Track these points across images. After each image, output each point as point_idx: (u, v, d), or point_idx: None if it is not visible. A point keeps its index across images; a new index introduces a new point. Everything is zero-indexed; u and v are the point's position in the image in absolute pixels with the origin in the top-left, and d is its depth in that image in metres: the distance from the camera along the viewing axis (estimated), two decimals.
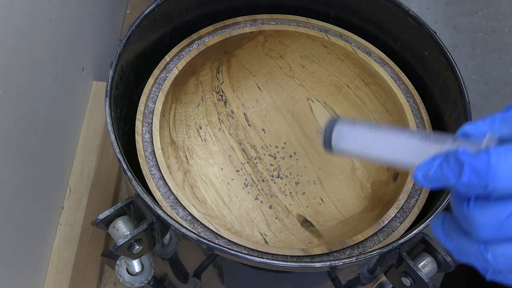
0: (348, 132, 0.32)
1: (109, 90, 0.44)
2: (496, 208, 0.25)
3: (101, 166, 0.73)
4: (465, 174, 0.24)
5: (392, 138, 0.30)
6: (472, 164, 0.24)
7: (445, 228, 0.28)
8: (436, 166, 0.26)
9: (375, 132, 0.31)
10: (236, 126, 0.58)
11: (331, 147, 0.33)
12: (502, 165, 0.23)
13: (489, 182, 0.24)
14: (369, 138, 0.31)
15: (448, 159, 0.25)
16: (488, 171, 0.24)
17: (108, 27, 0.89)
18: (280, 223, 0.52)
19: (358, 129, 0.32)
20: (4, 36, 0.48)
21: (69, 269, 0.65)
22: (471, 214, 0.25)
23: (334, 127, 0.33)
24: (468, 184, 0.24)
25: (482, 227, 0.25)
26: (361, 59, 0.54)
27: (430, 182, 0.26)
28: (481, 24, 1.19)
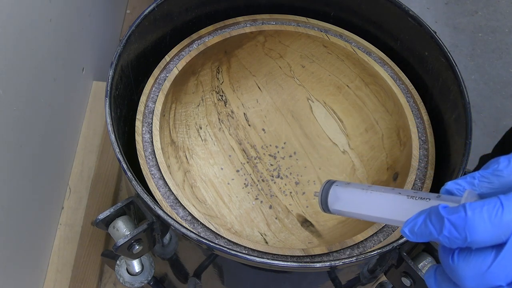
0: (342, 194, 0.35)
1: (109, 90, 0.44)
2: (477, 259, 0.26)
3: (101, 166, 0.73)
4: (446, 228, 0.26)
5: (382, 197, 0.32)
6: (450, 220, 0.26)
7: (436, 280, 0.29)
8: (420, 222, 0.28)
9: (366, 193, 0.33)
10: (236, 126, 0.58)
11: (328, 208, 0.36)
12: (478, 219, 0.25)
13: (468, 235, 0.25)
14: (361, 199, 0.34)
15: (430, 215, 0.27)
16: (466, 225, 0.25)
17: (108, 27, 0.89)
18: (280, 223, 0.52)
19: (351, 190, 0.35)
20: (4, 36, 0.48)
21: (69, 269, 0.65)
22: (456, 266, 0.27)
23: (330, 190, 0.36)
24: (449, 237, 0.26)
25: (466, 278, 0.26)
26: (361, 59, 0.54)
27: (416, 237, 0.28)
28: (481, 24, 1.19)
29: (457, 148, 0.46)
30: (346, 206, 0.35)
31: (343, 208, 0.35)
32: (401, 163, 0.50)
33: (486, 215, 0.25)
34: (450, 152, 0.48)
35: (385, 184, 0.51)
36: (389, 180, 0.51)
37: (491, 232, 0.25)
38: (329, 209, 0.36)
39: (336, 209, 0.35)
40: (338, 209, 0.35)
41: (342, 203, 0.35)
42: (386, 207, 0.32)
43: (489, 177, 0.28)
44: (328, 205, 0.36)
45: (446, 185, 0.29)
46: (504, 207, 0.25)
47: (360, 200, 0.34)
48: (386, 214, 0.32)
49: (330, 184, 0.36)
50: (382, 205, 0.32)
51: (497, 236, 0.25)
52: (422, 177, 0.47)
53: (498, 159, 0.28)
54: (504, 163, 0.28)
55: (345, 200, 0.35)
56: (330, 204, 0.36)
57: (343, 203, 0.35)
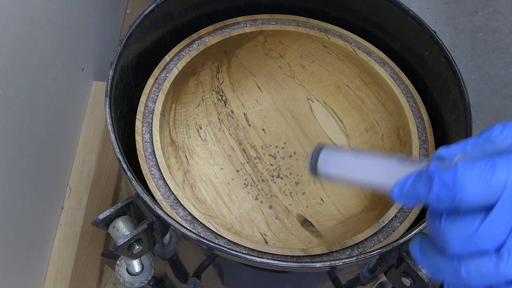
0: (332, 157, 0.34)
1: (109, 90, 0.44)
2: (465, 221, 0.25)
3: (101, 166, 0.73)
4: (435, 186, 0.26)
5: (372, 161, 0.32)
6: (441, 177, 0.25)
7: (422, 248, 0.29)
8: (410, 181, 0.27)
9: (357, 156, 0.33)
10: (236, 126, 0.58)
11: (317, 172, 0.35)
12: (468, 177, 0.25)
13: (457, 193, 0.25)
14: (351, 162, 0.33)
15: (420, 174, 0.27)
16: (455, 183, 0.25)
17: (108, 27, 0.89)
18: (280, 223, 0.52)
19: (341, 154, 0.34)
20: (4, 36, 0.48)
21: (69, 269, 0.65)
22: (443, 229, 0.26)
23: (320, 153, 0.35)
24: (438, 196, 0.26)
25: (453, 241, 0.26)
26: (361, 59, 0.54)
27: (405, 197, 0.28)
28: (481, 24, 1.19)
29: None
30: (336, 169, 0.34)
31: (333, 171, 0.34)
32: None
33: (477, 173, 0.24)
34: None
35: None
36: None
37: (481, 192, 0.24)
38: (318, 173, 0.35)
39: (326, 172, 0.34)
40: (328, 172, 0.34)
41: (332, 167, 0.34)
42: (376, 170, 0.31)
43: (482, 143, 0.27)
44: (318, 168, 0.35)
45: (438, 150, 0.29)
46: (496, 167, 0.24)
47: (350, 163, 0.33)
48: (376, 177, 0.31)
49: (321, 148, 0.35)
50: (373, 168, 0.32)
51: (487, 196, 0.24)
52: None
53: (493, 126, 0.27)
54: (498, 130, 0.27)
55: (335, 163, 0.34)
56: (319, 167, 0.35)
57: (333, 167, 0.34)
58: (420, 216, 0.45)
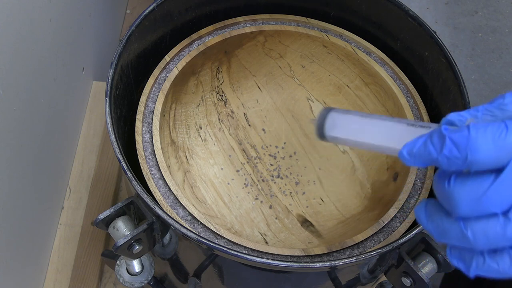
0: (340, 120, 0.33)
1: (109, 90, 0.44)
2: (475, 182, 0.25)
3: (101, 166, 0.73)
4: (446, 147, 0.25)
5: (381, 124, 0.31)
6: (453, 138, 0.25)
7: (427, 211, 0.28)
8: (420, 143, 0.27)
9: (365, 119, 0.32)
10: (236, 126, 0.58)
11: (324, 135, 0.34)
12: (481, 138, 0.24)
13: (469, 154, 0.25)
14: (360, 126, 0.32)
15: (432, 136, 0.26)
16: (468, 144, 0.25)
17: (108, 27, 0.89)
18: (280, 223, 0.52)
19: (349, 117, 0.33)
20: (4, 36, 0.48)
21: (69, 269, 0.65)
22: (451, 189, 0.26)
23: (327, 115, 0.34)
24: (449, 157, 0.25)
25: (461, 202, 0.25)
26: (361, 59, 0.54)
27: (414, 159, 0.27)
28: (481, 24, 1.19)
29: None
30: (343, 133, 0.33)
31: (340, 134, 0.33)
32: (401, 163, 0.50)
33: (490, 135, 0.24)
34: None
35: (385, 184, 0.51)
36: (389, 180, 0.51)
37: (493, 153, 0.24)
38: (325, 136, 0.34)
39: (333, 135, 0.33)
40: (335, 136, 0.33)
41: (339, 130, 0.33)
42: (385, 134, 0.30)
43: (493, 110, 0.27)
44: (325, 131, 0.34)
45: (448, 115, 0.28)
46: (509, 129, 0.24)
47: (358, 126, 0.32)
48: (385, 141, 0.30)
49: (328, 110, 0.34)
50: (381, 132, 0.31)
51: (498, 158, 0.24)
52: (422, 177, 0.47)
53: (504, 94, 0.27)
54: (510, 97, 0.27)
55: (343, 126, 0.33)
56: (326, 130, 0.34)
57: (340, 130, 0.33)
58: None
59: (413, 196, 0.46)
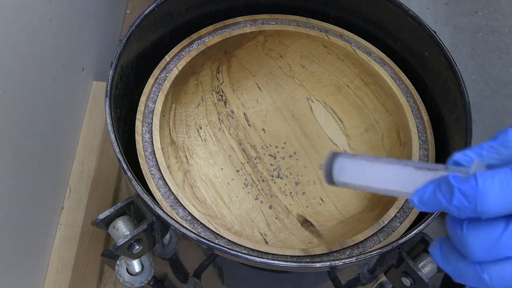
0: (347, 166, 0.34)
1: (109, 90, 0.44)
2: (487, 229, 0.26)
3: (101, 166, 0.73)
4: (456, 198, 0.26)
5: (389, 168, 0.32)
6: (461, 189, 0.25)
7: (443, 252, 0.29)
8: (429, 191, 0.27)
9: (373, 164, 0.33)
10: (236, 126, 0.58)
11: (333, 181, 0.35)
12: (489, 188, 0.25)
13: (478, 205, 0.25)
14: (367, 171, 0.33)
15: (440, 185, 0.27)
16: (476, 194, 0.25)
17: (108, 27, 0.89)
18: (280, 223, 0.52)
19: (357, 162, 0.34)
20: (4, 36, 0.48)
21: (69, 269, 0.65)
22: (465, 237, 0.26)
23: (334, 162, 0.35)
24: (459, 207, 0.26)
25: (476, 249, 0.26)
26: (361, 59, 0.54)
27: (425, 206, 0.28)
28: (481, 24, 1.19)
29: (457, 148, 0.46)
30: (351, 178, 0.34)
31: (349, 180, 0.34)
32: None
33: (498, 184, 0.25)
34: (450, 152, 0.47)
35: None
36: None
37: (502, 202, 0.25)
38: (334, 182, 0.35)
39: (342, 181, 0.34)
40: (344, 181, 0.34)
41: (347, 175, 0.34)
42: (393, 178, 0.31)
43: (497, 148, 0.28)
44: (333, 177, 0.35)
45: (454, 156, 0.29)
46: None
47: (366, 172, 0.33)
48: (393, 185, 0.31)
49: (335, 156, 0.35)
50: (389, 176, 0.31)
51: (508, 205, 0.25)
52: None
53: (507, 130, 0.27)
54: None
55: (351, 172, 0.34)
56: (335, 176, 0.34)
57: (348, 175, 0.34)
58: (420, 216, 0.45)
59: None
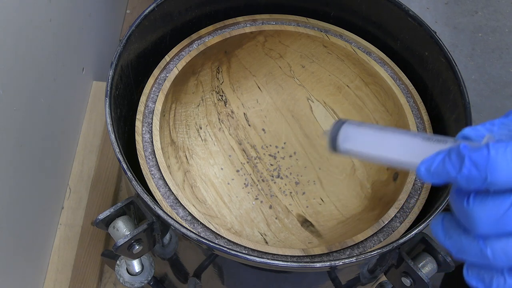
0: (353, 133, 0.33)
1: (109, 90, 0.44)
2: (495, 202, 0.25)
3: (101, 166, 0.73)
4: (466, 167, 0.25)
5: (395, 138, 0.30)
6: (472, 157, 0.25)
7: (444, 227, 0.28)
8: (438, 160, 0.26)
9: (379, 133, 0.32)
10: (236, 126, 0.58)
11: (337, 147, 0.34)
12: (501, 158, 0.24)
13: (488, 174, 0.24)
14: (373, 139, 0.32)
15: (450, 154, 0.26)
16: (488, 164, 0.24)
17: (108, 27, 0.89)
18: (280, 223, 0.52)
19: (363, 130, 0.33)
20: (4, 36, 0.48)
21: (69, 269, 0.65)
22: (471, 208, 0.26)
23: (340, 128, 0.33)
24: (468, 177, 0.25)
25: (481, 222, 0.25)
26: (361, 59, 0.54)
27: (432, 176, 0.27)
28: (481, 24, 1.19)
29: None
30: (356, 145, 0.32)
31: (354, 147, 0.33)
32: None
33: (510, 155, 0.24)
34: None
35: (385, 184, 0.51)
36: (389, 180, 0.51)
37: None
38: (338, 148, 0.34)
39: (346, 148, 0.33)
40: (348, 148, 0.33)
41: (352, 142, 0.33)
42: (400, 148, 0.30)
43: (509, 124, 0.27)
44: (338, 143, 0.33)
45: (464, 130, 0.28)
46: None
47: (372, 139, 0.32)
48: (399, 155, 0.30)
49: (342, 123, 0.34)
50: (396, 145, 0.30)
51: None
52: None
53: None
54: None
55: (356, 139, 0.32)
56: (339, 142, 0.33)
57: (353, 142, 0.33)
58: (420, 216, 0.45)
59: (413, 196, 0.46)
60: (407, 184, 0.46)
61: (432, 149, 0.28)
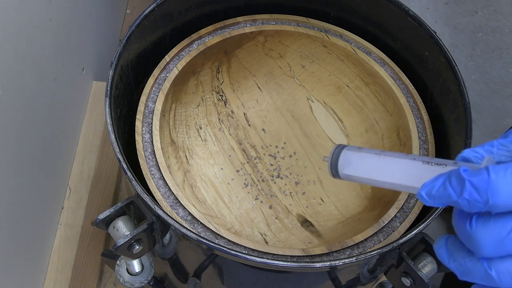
0: (353, 159, 0.33)
1: (109, 90, 0.44)
2: (497, 224, 0.25)
3: (101, 166, 0.73)
4: (466, 191, 0.25)
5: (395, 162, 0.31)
6: (472, 181, 0.25)
7: (448, 249, 0.28)
8: (439, 184, 0.26)
9: (379, 157, 0.32)
10: (236, 126, 0.58)
11: (338, 174, 0.34)
12: (501, 181, 0.24)
13: (490, 198, 0.24)
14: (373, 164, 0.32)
15: (450, 178, 0.26)
16: (488, 187, 0.24)
17: (108, 27, 0.89)
18: (280, 223, 0.52)
19: (363, 155, 0.33)
20: (4, 36, 0.48)
21: (69, 269, 0.65)
22: (474, 231, 0.26)
23: (340, 153, 0.34)
24: (469, 200, 0.25)
25: (485, 244, 0.26)
26: (361, 59, 0.54)
27: (434, 200, 0.27)
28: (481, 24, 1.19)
29: (457, 148, 0.46)
30: (357, 171, 0.33)
31: (354, 173, 0.33)
32: None
33: (510, 177, 0.24)
34: (450, 152, 0.48)
35: None
36: None
37: None
38: (338, 174, 0.34)
39: (346, 174, 0.33)
40: (349, 174, 0.33)
41: (353, 168, 0.33)
42: (400, 172, 0.30)
43: (508, 145, 0.27)
44: (338, 169, 0.34)
45: (463, 152, 0.28)
46: None
47: (372, 165, 0.32)
48: (400, 179, 0.30)
49: (341, 148, 0.34)
50: (396, 170, 0.30)
51: None
52: None
53: None
54: None
55: (357, 164, 0.33)
56: (340, 168, 0.34)
57: (354, 168, 0.33)
58: (420, 216, 0.45)
59: (413, 196, 0.46)
60: None
61: (431, 172, 0.29)
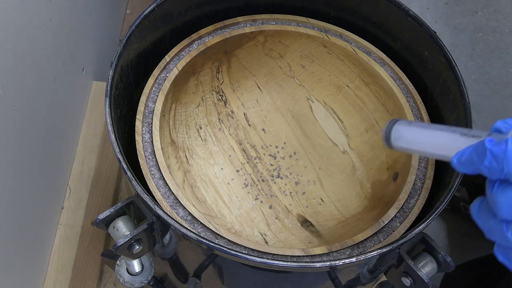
0: (404, 132, 0.39)
1: (109, 90, 0.44)
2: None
3: (101, 166, 0.73)
4: (487, 159, 0.28)
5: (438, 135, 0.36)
6: (492, 150, 0.28)
7: (480, 210, 0.31)
8: (468, 152, 0.30)
9: (425, 131, 0.37)
10: (236, 126, 0.58)
11: (391, 144, 0.40)
12: None
13: (505, 166, 0.27)
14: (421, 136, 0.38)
15: (477, 147, 0.30)
16: (504, 157, 0.27)
17: (108, 27, 0.89)
18: (280, 223, 0.52)
19: (412, 128, 0.39)
20: (4, 36, 0.48)
21: (69, 269, 0.65)
22: (494, 195, 0.29)
23: (393, 127, 0.39)
24: (489, 168, 0.28)
25: (502, 207, 0.29)
26: (361, 59, 0.54)
27: (462, 166, 0.31)
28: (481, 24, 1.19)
29: None
30: (406, 143, 0.39)
31: (404, 145, 0.39)
32: (401, 163, 0.50)
33: None
34: None
35: (385, 184, 0.51)
36: (389, 180, 0.51)
37: None
38: (391, 145, 0.40)
39: (398, 145, 0.39)
40: (400, 146, 0.39)
41: (403, 141, 0.39)
42: (441, 143, 0.35)
43: None
44: (391, 141, 0.40)
45: (496, 123, 0.31)
46: None
47: (419, 138, 0.38)
48: (441, 150, 0.35)
49: (394, 122, 0.40)
50: (439, 141, 0.36)
51: None
52: (422, 177, 0.47)
53: None
54: None
55: (407, 137, 0.39)
56: (392, 141, 0.39)
57: (404, 141, 0.39)
58: (420, 216, 0.45)
59: (413, 196, 0.46)
60: (407, 184, 0.46)
61: (467, 143, 0.33)
